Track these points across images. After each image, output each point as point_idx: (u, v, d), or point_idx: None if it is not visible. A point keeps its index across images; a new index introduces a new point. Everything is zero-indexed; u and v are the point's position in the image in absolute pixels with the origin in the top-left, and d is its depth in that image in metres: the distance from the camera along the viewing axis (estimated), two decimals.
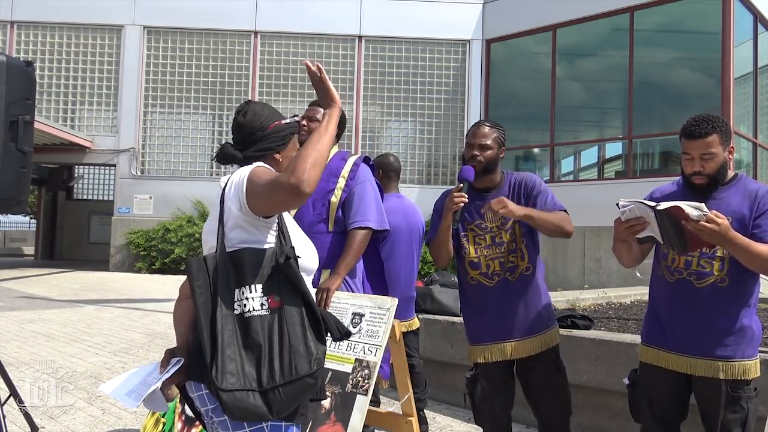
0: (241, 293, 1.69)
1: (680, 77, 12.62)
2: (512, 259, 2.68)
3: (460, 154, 14.64)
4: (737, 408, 2.24)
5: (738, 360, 2.26)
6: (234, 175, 1.81)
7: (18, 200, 2.99)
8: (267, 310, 1.69)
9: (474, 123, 2.80)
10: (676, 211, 2.07)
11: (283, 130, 1.90)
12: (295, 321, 1.70)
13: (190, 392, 1.81)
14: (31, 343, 6.28)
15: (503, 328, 2.67)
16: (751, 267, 2.21)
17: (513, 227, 2.68)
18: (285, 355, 1.66)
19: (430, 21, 14.52)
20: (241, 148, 1.87)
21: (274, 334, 1.68)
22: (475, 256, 2.70)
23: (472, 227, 2.71)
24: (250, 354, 1.66)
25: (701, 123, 2.25)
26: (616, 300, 6.39)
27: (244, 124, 1.87)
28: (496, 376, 2.69)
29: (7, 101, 2.84)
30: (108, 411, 4.25)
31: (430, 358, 4.54)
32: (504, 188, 2.72)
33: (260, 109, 1.89)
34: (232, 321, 1.67)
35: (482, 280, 2.70)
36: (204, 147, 15.04)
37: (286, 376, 1.65)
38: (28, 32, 14.78)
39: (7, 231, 30.20)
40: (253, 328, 1.67)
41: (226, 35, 14.73)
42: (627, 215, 2.21)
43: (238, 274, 1.71)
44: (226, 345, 1.64)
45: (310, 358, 1.68)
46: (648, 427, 2.45)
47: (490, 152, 2.65)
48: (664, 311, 2.40)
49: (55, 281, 12.49)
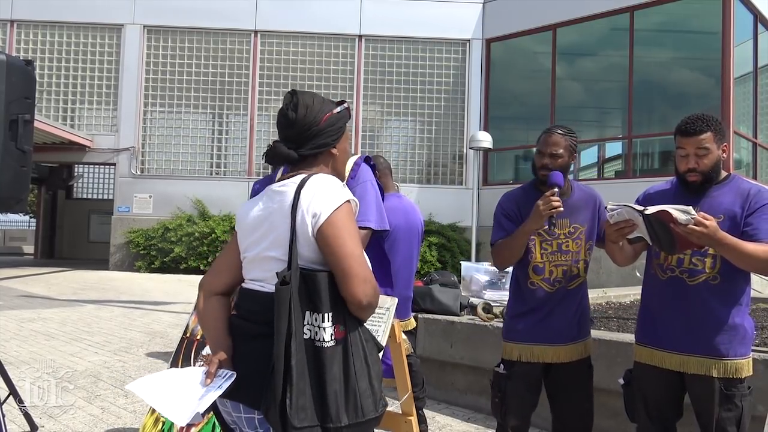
0: (313, 318, 1.58)
1: (680, 77, 12.62)
2: (575, 269, 2.69)
3: (460, 154, 14.67)
4: (731, 406, 2.25)
5: (730, 358, 2.27)
6: (309, 189, 1.66)
7: (18, 199, 2.99)
8: (334, 341, 1.58)
9: (545, 129, 2.73)
10: (664, 215, 2.10)
11: (336, 122, 1.76)
12: (360, 355, 1.61)
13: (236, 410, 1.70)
14: (30, 342, 6.28)
15: (550, 332, 2.67)
16: (741, 266, 2.23)
17: (581, 237, 2.70)
18: (351, 394, 1.58)
19: (430, 20, 14.52)
20: (296, 146, 1.72)
21: (341, 370, 1.58)
22: (540, 261, 2.69)
23: (541, 232, 2.68)
24: (317, 387, 1.56)
25: (695, 121, 2.29)
26: (616, 300, 6.39)
27: (297, 120, 1.71)
28: (531, 376, 2.70)
29: (7, 100, 2.85)
30: (107, 410, 4.25)
31: (430, 358, 4.54)
32: (574, 195, 2.72)
33: (311, 101, 1.74)
34: (303, 349, 1.56)
35: (543, 285, 2.69)
36: (204, 146, 15.03)
37: (351, 418, 1.57)
38: (28, 31, 14.77)
39: (6, 230, 30.19)
40: (322, 360, 1.56)
41: (226, 34, 14.72)
42: (615, 218, 2.24)
43: (312, 300, 1.59)
44: (298, 376, 1.54)
45: (375, 399, 1.61)
46: (644, 426, 2.46)
47: (561, 161, 2.63)
48: (657, 309, 2.42)
49: (54, 280, 12.49)
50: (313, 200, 1.64)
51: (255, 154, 14.71)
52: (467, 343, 4.37)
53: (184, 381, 1.67)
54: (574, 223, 2.70)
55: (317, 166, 1.77)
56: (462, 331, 4.42)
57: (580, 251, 2.70)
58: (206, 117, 15.21)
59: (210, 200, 14.28)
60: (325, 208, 1.63)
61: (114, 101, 14.74)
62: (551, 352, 2.67)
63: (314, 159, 1.77)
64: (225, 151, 15.05)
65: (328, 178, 1.72)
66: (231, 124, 15.37)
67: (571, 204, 2.70)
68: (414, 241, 3.71)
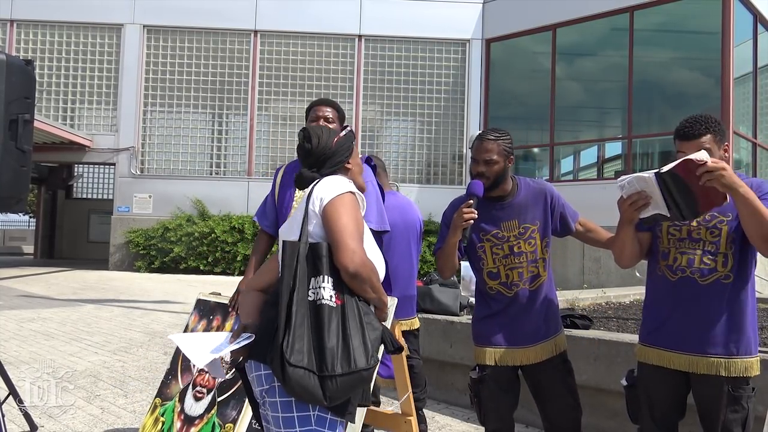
0: (316, 282, 1.84)
1: (680, 77, 12.63)
2: (532, 268, 2.64)
3: (459, 154, 14.68)
4: (738, 407, 2.24)
5: (740, 357, 2.26)
6: (321, 183, 1.99)
7: (17, 199, 2.99)
8: (334, 303, 1.82)
9: (477, 136, 2.70)
10: (683, 168, 2.01)
11: (345, 143, 2.10)
12: (356, 318, 1.84)
13: (249, 372, 1.93)
14: (30, 342, 6.28)
15: (516, 334, 2.64)
16: (751, 224, 2.15)
17: (533, 236, 2.64)
18: (346, 347, 1.78)
19: (430, 20, 14.52)
20: (317, 169, 2.05)
21: (339, 326, 1.80)
22: (493, 266, 2.65)
23: (489, 237, 2.65)
24: (316, 339, 1.78)
25: (694, 124, 2.26)
26: (616, 300, 6.39)
27: (314, 149, 2.05)
28: (503, 378, 2.66)
29: (7, 100, 2.85)
30: (107, 410, 4.25)
31: (430, 358, 4.54)
32: (520, 195, 2.67)
33: (320, 131, 2.08)
34: (305, 305, 1.81)
35: (501, 289, 2.66)
36: (203, 146, 15.04)
37: (344, 368, 1.75)
38: (28, 31, 14.77)
39: (6, 230, 30.20)
40: (322, 316, 1.79)
41: (226, 34, 14.72)
42: (627, 189, 2.16)
43: (316, 265, 1.85)
44: (297, 325, 1.78)
45: (367, 354, 1.80)
46: (647, 427, 2.44)
47: (496, 167, 2.58)
48: (666, 310, 2.38)
49: (54, 280, 12.49)
50: (322, 189, 1.97)
51: (255, 154, 14.72)
52: (467, 343, 4.35)
53: (213, 339, 1.97)
54: (523, 224, 2.64)
55: None
56: (462, 331, 4.42)
57: (536, 250, 2.64)
58: (206, 117, 15.21)
59: (210, 200, 14.28)
60: (329, 193, 1.93)
61: (114, 101, 14.74)
62: (520, 354, 2.63)
63: (333, 174, 2.07)
64: (225, 151, 15.06)
65: (339, 177, 2.04)
66: (231, 124, 15.37)
67: (518, 204, 2.65)
68: (412, 239, 3.69)
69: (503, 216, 2.65)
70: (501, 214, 2.65)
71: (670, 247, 2.37)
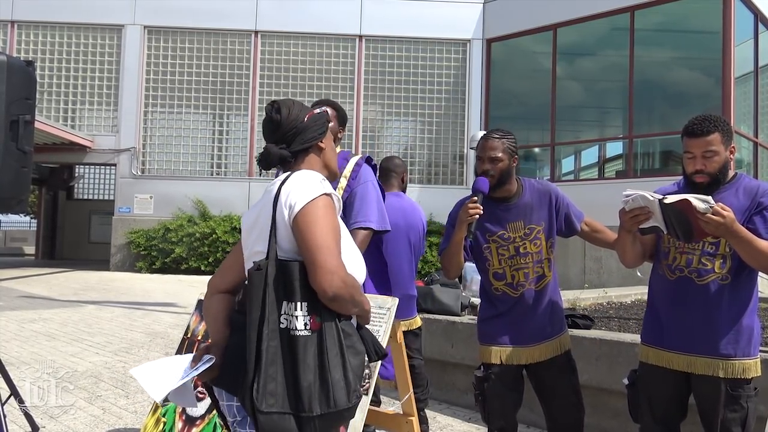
0: (288, 307, 1.63)
1: (681, 77, 12.63)
2: (538, 269, 2.66)
3: (460, 154, 14.67)
4: (737, 407, 2.24)
5: (738, 358, 2.26)
6: (289, 183, 1.75)
7: (18, 200, 2.99)
8: (309, 330, 1.62)
9: (482, 135, 2.74)
10: (684, 204, 2.09)
11: (319, 119, 1.89)
12: (335, 346, 1.64)
13: (220, 399, 1.80)
14: (31, 343, 6.28)
15: (522, 334, 2.65)
16: (751, 262, 2.22)
17: (539, 237, 2.66)
18: (324, 383, 1.60)
19: (431, 21, 14.52)
20: (286, 145, 1.83)
21: (315, 359, 1.61)
22: (499, 267, 2.67)
23: (495, 238, 2.66)
24: (291, 375, 1.60)
25: (703, 122, 2.27)
26: (617, 300, 6.39)
27: (283, 120, 1.83)
28: (508, 376, 2.67)
29: (8, 101, 2.84)
30: (108, 411, 4.25)
31: (431, 358, 4.54)
32: (525, 195, 2.69)
33: (290, 103, 1.87)
34: (277, 337, 1.61)
35: (507, 290, 2.67)
36: (204, 147, 15.05)
37: (322, 408, 1.59)
38: (29, 32, 14.78)
39: (7, 230, 30.24)
40: (296, 349, 1.61)
41: (227, 35, 14.73)
42: (631, 205, 2.21)
43: (288, 289, 1.64)
44: (269, 363, 1.59)
45: (348, 390, 1.63)
46: (648, 427, 2.45)
47: (501, 164, 2.61)
48: (664, 310, 2.40)
49: (55, 281, 12.50)
50: (291, 192, 1.72)
51: (255, 155, 14.70)
52: (468, 343, 4.37)
53: (174, 366, 1.82)
54: (529, 224, 2.65)
55: (308, 163, 1.87)
56: (463, 331, 4.42)
57: (542, 251, 2.66)
58: (207, 117, 15.21)
59: (211, 201, 14.28)
60: (300, 198, 1.69)
61: (114, 102, 14.75)
62: (525, 353, 2.65)
63: (305, 155, 1.86)
64: (225, 151, 15.06)
65: (310, 173, 1.80)
66: (231, 124, 15.38)
67: (523, 205, 2.67)
68: (414, 240, 3.69)
69: (509, 217, 2.67)
70: (507, 215, 2.67)
71: (670, 246, 2.38)
